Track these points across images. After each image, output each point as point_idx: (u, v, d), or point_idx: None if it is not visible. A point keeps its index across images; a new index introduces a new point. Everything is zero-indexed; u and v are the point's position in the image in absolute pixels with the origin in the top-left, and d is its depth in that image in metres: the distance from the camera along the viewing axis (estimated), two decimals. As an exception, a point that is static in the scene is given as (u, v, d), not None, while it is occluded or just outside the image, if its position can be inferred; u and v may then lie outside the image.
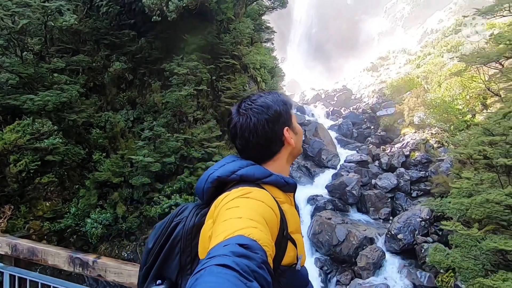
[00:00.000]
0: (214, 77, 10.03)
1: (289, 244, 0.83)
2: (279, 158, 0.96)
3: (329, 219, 9.53)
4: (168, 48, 9.88)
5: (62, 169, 7.80)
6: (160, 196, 8.40)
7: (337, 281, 8.26)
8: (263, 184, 0.87)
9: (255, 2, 12.91)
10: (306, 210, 10.72)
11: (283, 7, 13.78)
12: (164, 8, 8.80)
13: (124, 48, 9.44)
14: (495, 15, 8.11)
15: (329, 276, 8.52)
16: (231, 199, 0.78)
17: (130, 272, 1.26)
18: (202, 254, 0.82)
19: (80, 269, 1.28)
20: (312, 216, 10.30)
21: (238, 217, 0.70)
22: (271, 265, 0.64)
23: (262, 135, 0.91)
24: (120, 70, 9.14)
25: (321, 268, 8.68)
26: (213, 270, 0.53)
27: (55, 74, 7.99)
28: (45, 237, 7.46)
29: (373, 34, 36.25)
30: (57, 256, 1.35)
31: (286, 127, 0.95)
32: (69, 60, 8.57)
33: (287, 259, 0.82)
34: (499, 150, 4.94)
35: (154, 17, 8.68)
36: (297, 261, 0.85)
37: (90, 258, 1.30)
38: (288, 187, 0.92)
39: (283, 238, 0.81)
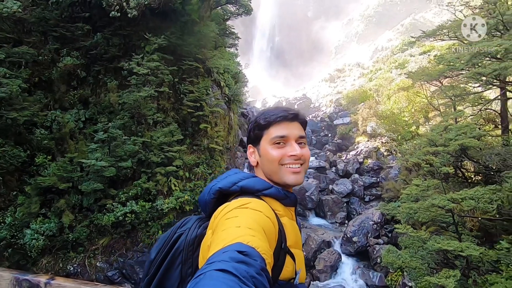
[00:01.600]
0: (176, 79, 9.70)
1: (288, 258, 0.83)
2: (256, 171, 1.02)
3: (290, 224, 9.73)
4: (127, 46, 9.35)
5: (-4, 174, 6.88)
6: (114, 203, 7.83)
7: (297, 285, 8.43)
8: (263, 196, 0.89)
9: (220, 7, 12.87)
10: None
11: (247, 14, 13.93)
12: (124, 4, 8.34)
13: (76, 42, 8.70)
14: (436, 38, 9.12)
15: (288, 280, 8.66)
16: (230, 210, 0.79)
17: (90, 294, 1.12)
18: (202, 264, 0.80)
19: (28, 293, 1.10)
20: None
21: (237, 226, 0.71)
22: (270, 273, 0.65)
23: None
24: (71, 65, 8.39)
25: (281, 273, 8.77)
26: (212, 274, 0.53)
27: (-8, 66, 7.07)
28: (-28, 252, 6.48)
29: (331, 46, 38.41)
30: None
31: (249, 144, 1.03)
32: (10, 51, 7.63)
33: (285, 273, 0.82)
34: (441, 159, 5.52)
35: (113, 13, 8.19)
36: (295, 275, 0.84)
37: (42, 279, 1.12)
38: (288, 200, 0.94)
39: (281, 250, 0.81)
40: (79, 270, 7.56)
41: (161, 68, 8.91)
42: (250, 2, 13.24)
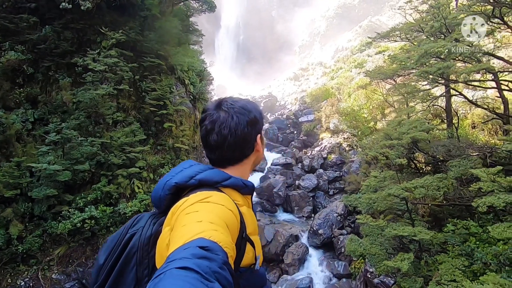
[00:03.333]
0: (137, 77, 9.28)
1: (248, 245, 0.84)
2: (247, 163, 1.00)
3: (258, 220, 9.82)
4: (81, 41, 8.73)
5: None
6: (70, 210, 7.29)
7: (266, 280, 8.54)
8: (222, 187, 0.88)
9: (182, 3, 12.53)
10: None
11: (211, 11, 13.74)
12: (76, -5, 7.78)
13: (21, 35, 7.93)
14: (390, 40, 9.76)
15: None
16: (190, 204, 0.76)
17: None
18: (159, 264, 0.77)
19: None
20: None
21: (198, 221, 0.69)
22: (232, 266, 0.64)
23: (240, 136, 0.93)
24: (15, 61, 7.65)
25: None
26: (173, 273, 0.51)
27: None
28: None
29: (295, 46, 39.32)
30: None
31: (259, 134, 1.00)
32: None
33: (246, 260, 0.83)
34: (396, 152, 5.93)
35: (63, 4, 7.60)
36: (256, 261, 0.86)
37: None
38: (247, 189, 0.94)
39: (242, 240, 0.82)
40: (31, 284, 6.94)
41: (120, 65, 8.46)
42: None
